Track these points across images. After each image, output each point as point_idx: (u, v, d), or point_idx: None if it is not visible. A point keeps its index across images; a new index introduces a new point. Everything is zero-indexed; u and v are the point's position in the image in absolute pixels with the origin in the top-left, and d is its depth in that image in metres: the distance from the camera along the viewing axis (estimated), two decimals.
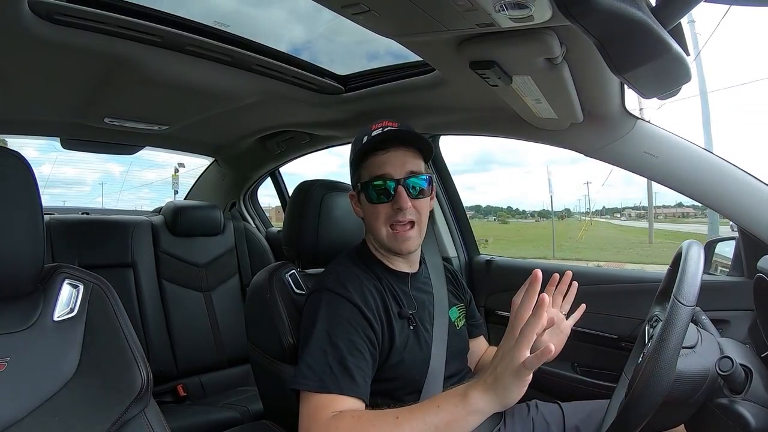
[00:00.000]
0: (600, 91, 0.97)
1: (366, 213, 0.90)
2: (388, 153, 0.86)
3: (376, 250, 0.94)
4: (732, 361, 0.69)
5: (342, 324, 0.80)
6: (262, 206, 2.50)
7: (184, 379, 1.75)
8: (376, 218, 0.87)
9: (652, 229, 18.01)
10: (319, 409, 0.74)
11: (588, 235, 21.74)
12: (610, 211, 41.87)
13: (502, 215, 41.54)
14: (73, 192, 35.91)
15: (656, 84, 0.72)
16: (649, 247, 15.74)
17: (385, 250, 0.91)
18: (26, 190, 0.61)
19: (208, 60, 1.09)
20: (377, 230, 0.88)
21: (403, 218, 0.86)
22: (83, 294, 0.67)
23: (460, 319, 1.02)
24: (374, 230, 0.89)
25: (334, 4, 0.69)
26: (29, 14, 0.82)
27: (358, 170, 0.90)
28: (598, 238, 19.89)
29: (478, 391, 0.68)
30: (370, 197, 0.87)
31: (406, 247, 0.88)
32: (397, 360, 0.85)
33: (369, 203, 0.87)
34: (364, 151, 0.87)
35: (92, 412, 0.60)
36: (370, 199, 0.87)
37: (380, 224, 0.87)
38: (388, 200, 0.86)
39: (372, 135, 0.88)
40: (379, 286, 0.88)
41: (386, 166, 0.86)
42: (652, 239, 16.91)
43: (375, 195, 0.86)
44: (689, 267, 0.70)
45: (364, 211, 0.91)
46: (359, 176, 0.90)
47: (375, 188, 0.86)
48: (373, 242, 0.94)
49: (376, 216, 0.87)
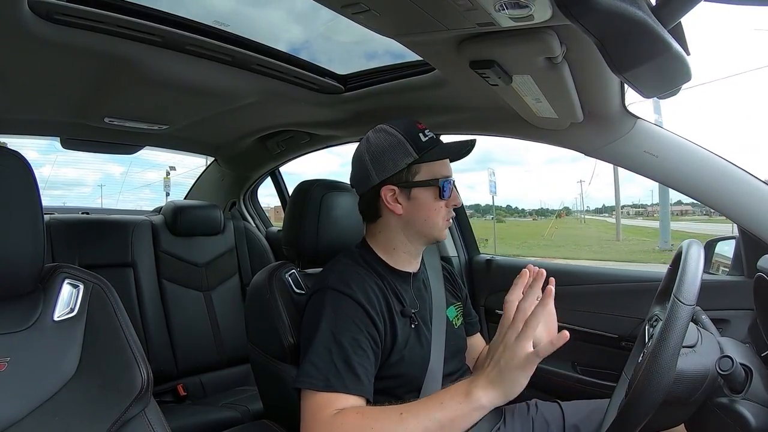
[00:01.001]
0: (600, 91, 0.97)
1: (426, 208, 0.92)
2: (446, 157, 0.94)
3: (381, 249, 0.94)
4: (732, 361, 0.69)
5: (346, 322, 0.80)
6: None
7: (184, 378, 1.75)
8: (439, 213, 0.92)
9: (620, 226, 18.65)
10: (323, 407, 0.74)
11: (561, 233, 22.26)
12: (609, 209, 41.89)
13: (499, 214, 41.60)
14: (73, 193, 35.95)
15: (656, 83, 0.72)
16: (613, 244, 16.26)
17: (428, 242, 0.96)
18: (26, 190, 0.61)
19: (208, 60, 1.09)
20: (436, 223, 0.92)
21: (453, 213, 0.98)
22: (83, 294, 0.67)
23: (458, 317, 1.03)
24: (432, 224, 0.92)
25: (335, 4, 0.69)
26: (29, 14, 0.82)
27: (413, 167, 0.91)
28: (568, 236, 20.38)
29: (481, 386, 0.69)
30: (444, 194, 0.92)
31: (446, 234, 1.00)
32: (398, 358, 0.85)
33: (435, 200, 0.92)
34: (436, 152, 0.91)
35: (92, 412, 0.60)
36: (443, 196, 0.92)
37: (441, 218, 0.93)
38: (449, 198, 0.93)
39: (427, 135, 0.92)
40: (381, 285, 0.89)
41: (448, 168, 0.94)
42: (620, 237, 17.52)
43: (443, 192, 0.92)
44: (689, 266, 0.70)
45: (418, 206, 0.92)
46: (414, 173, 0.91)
47: (445, 187, 0.92)
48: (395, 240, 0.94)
49: (439, 211, 0.92)
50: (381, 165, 0.90)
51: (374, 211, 0.94)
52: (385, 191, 0.91)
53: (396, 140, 0.90)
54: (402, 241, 0.93)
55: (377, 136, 0.92)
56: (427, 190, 0.91)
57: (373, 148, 0.91)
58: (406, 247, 0.94)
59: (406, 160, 0.89)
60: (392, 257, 0.94)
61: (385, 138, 0.91)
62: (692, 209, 18.18)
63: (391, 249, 0.94)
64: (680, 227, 19.69)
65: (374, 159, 0.91)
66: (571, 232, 23.35)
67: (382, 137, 0.91)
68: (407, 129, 0.91)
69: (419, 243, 0.95)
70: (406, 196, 0.91)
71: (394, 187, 0.90)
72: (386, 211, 0.92)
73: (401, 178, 0.90)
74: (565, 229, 25.98)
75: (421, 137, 0.90)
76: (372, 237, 0.96)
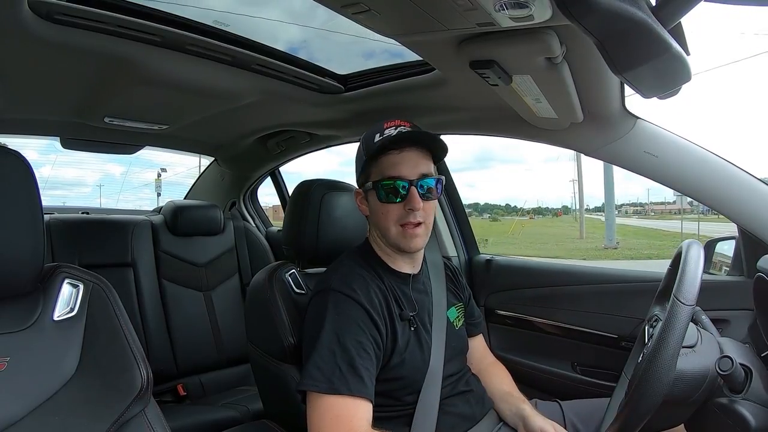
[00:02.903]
0: (600, 91, 0.97)
1: (375, 212, 0.89)
2: (402, 153, 0.86)
3: (381, 250, 0.94)
4: (732, 361, 0.69)
5: (350, 325, 0.80)
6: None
7: (184, 378, 1.75)
8: (386, 217, 0.87)
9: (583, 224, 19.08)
10: (328, 410, 0.74)
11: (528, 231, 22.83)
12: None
13: (496, 213, 41.64)
14: (73, 193, 35.92)
15: (656, 83, 0.72)
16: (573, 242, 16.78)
17: (392, 248, 0.91)
18: (26, 190, 0.61)
19: (208, 59, 1.09)
20: (386, 229, 0.88)
21: (414, 219, 0.87)
22: (83, 293, 0.67)
23: (459, 318, 1.02)
24: (383, 229, 0.89)
25: (335, 4, 0.70)
26: (29, 14, 0.82)
27: (367, 168, 0.89)
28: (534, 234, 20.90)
29: None
30: (381, 197, 0.87)
31: (414, 244, 0.88)
32: (398, 361, 0.85)
33: (380, 202, 0.87)
34: (376, 149, 0.86)
35: (92, 412, 0.60)
36: (381, 198, 0.87)
37: (390, 223, 0.87)
38: (400, 200, 0.86)
39: (385, 134, 0.87)
40: (382, 287, 0.89)
41: (400, 166, 0.86)
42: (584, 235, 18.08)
43: (386, 195, 0.86)
44: (689, 267, 0.70)
45: (372, 210, 0.90)
46: (369, 174, 0.89)
47: (387, 188, 0.86)
48: (378, 242, 0.94)
49: (387, 215, 0.87)
50: (355, 170, 0.94)
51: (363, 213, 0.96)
52: (356, 194, 0.95)
53: (360, 145, 0.93)
54: (380, 243, 0.94)
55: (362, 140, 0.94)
56: (372, 192, 0.88)
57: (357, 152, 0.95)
58: (386, 249, 0.93)
59: (360, 163, 0.91)
60: (386, 257, 0.94)
61: (360, 142, 0.94)
62: (690, 208, 18.36)
63: (380, 250, 0.95)
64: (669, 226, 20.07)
65: (355, 163, 0.95)
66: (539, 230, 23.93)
67: (366, 137, 0.93)
68: (370, 131, 0.91)
69: (390, 248, 0.92)
70: (366, 199, 0.92)
71: (360, 190, 0.93)
72: (361, 212, 0.95)
73: (360, 182, 0.93)
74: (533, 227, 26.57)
75: (376, 137, 0.87)
76: (369, 235, 0.97)
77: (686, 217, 16.79)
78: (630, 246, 14.06)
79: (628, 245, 14.22)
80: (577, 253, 13.07)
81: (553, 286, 1.43)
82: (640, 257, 11.42)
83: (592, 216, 29.53)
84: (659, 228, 21.01)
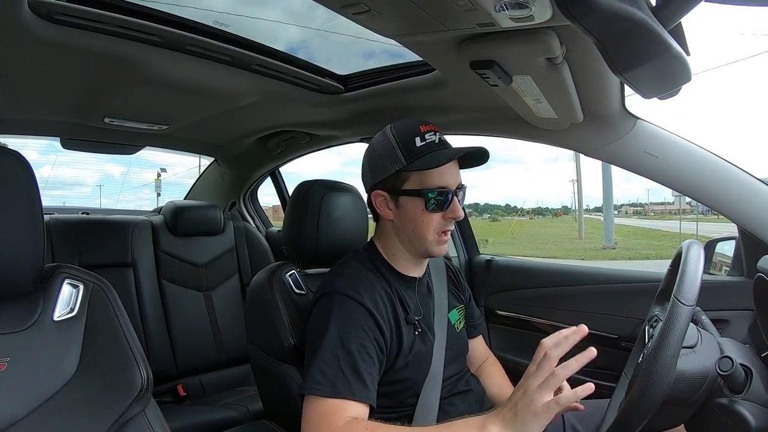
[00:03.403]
0: (600, 91, 0.97)
1: (413, 219, 0.87)
2: (449, 163, 0.86)
3: (390, 254, 0.93)
4: (732, 361, 0.69)
5: (355, 328, 0.79)
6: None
7: (184, 378, 1.75)
8: (428, 226, 0.87)
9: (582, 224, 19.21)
10: (329, 413, 0.74)
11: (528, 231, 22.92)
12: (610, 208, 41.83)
13: (496, 213, 41.66)
14: (73, 193, 35.91)
15: (656, 84, 0.72)
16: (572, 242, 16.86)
17: (416, 255, 0.91)
18: (26, 190, 0.61)
19: (208, 60, 1.09)
20: (424, 236, 0.87)
21: (451, 227, 0.89)
22: (83, 294, 0.67)
23: (460, 321, 1.02)
24: (420, 237, 0.88)
25: (335, 4, 0.69)
26: (29, 14, 0.82)
27: (401, 173, 0.86)
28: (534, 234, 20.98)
29: (497, 425, 0.67)
30: (429, 206, 0.86)
31: (443, 250, 0.91)
32: (402, 364, 0.85)
33: (426, 212, 0.86)
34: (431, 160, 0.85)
35: (92, 412, 0.60)
36: (429, 208, 0.86)
37: (430, 231, 0.87)
38: (443, 210, 0.86)
39: (427, 139, 0.86)
40: (389, 291, 0.88)
41: (447, 177, 0.86)
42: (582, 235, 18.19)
43: (435, 205, 0.86)
44: (689, 267, 0.70)
45: (407, 217, 0.88)
46: (404, 179, 0.87)
47: (437, 198, 0.85)
48: (391, 245, 0.92)
49: (429, 224, 0.86)
50: (374, 169, 0.89)
51: (374, 213, 0.94)
52: (375, 195, 0.90)
53: (389, 144, 0.87)
54: (399, 247, 0.92)
55: (378, 138, 0.91)
56: (414, 199, 0.86)
57: (371, 150, 0.91)
58: (403, 253, 0.93)
59: (395, 166, 0.86)
60: (395, 261, 0.93)
61: (382, 141, 0.89)
62: (690, 208, 18.43)
63: (392, 254, 0.93)
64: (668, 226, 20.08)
65: (371, 162, 0.91)
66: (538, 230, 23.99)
67: (379, 140, 0.90)
68: (404, 132, 0.87)
69: (413, 253, 0.92)
70: (394, 203, 0.89)
71: (384, 192, 0.89)
72: (382, 216, 0.92)
73: (389, 184, 0.88)
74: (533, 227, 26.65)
75: (417, 142, 0.86)
76: (377, 237, 0.96)
77: (685, 218, 16.84)
78: (628, 246, 14.12)
79: (626, 245, 14.27)
80: (575, 253, 13.15)
81: (554, 287, 1.43)
82: (638, 257, 11.47)
83: (592, 216, 29.60)
84: (658, 228, 21.11)
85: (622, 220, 29.71)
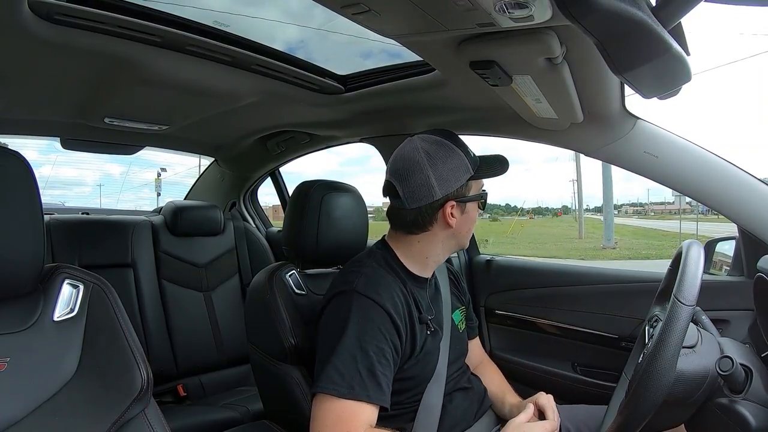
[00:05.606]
0: (600, 91, 0.97)
1: (472, 221, 0.95)
2: None
3: (407, 255, 0.92)
4: (732, 361, 0.69)
5: (373, 330, 0.79)
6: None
7: (184, 379, 1.75)
8: (473, 223, 0.96)
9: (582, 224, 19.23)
10: (347, 418, 0.74)
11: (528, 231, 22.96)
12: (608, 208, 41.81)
13: (496, 213, 41.71)
14: (73, 193, 35.91)
15: (656, 84, 0.72)
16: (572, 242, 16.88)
17: (458, 248, 0.98)
18: (26, 190, 0.61)
19: (208, 60, 1.09)
20: (467, 234, 0.96)
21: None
22: (83, 294, 0.67)
23: (462, 322, 1.03)
24: (465, 234, 0.95)
25: (335, 4, 0.69)
26: (29, 14, 0.82)
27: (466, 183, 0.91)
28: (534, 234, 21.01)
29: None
30: (481, 206, 0.96)
31: None
32: (414, 363, 0.86)
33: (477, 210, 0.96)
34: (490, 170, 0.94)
35: (92, 412, 0.60)
36: (481, 208, 0.96)
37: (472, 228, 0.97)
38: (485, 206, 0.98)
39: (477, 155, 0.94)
40: (404, 291, 0.88)
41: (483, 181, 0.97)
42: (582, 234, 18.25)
43: (483, 204, 0.96)
44: (689, 267, 0.70)
45: (468, 220, 0.94)
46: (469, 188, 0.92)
47: (485, 199, 0.96)
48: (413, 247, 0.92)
49: (474, 222, 0.96)
50: (445, 180, 0.88)
51: (425, 224, 0.90)
52: (448, 206, 0.89)
53: (456, 155, 0.89)
54: (438, 253, 0.93)
55: (435, 149, 0.89)
56: (474, 204, 0.94)
57: (436, 162, 0.88)
58: (438, 257, 0.94)
59: (466, 175, 0.90)
60: (416, 264, 0.93)
61: (446, 152, 0.89)
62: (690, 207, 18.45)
63: (424, 258, 0.93)
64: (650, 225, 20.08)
65: (438, 174, 0.88)
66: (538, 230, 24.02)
67: (442, 151, 0.88)
68: (459, 143, 0.93)
69: (450, 252, 0.97)
70: (460, 210, 0.91)
71: (454, 201, 0.89)
72: (439, 225, 0.90)
73: (460, 193, 0.90)
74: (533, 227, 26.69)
75: (470, 152, 0.93)
76: (400, 243, 0.93)
77: (685, 218, 16.84)
78: (628, 246, 14.11)
79: (626, 245, 14.26)
80: (575, 253, 13.15)
81: (554, 287, 1.43)
82: (638, 257, 11.47)
83: (592, 216, 29.62)
84: (658, 228, 21.10)
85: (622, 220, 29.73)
